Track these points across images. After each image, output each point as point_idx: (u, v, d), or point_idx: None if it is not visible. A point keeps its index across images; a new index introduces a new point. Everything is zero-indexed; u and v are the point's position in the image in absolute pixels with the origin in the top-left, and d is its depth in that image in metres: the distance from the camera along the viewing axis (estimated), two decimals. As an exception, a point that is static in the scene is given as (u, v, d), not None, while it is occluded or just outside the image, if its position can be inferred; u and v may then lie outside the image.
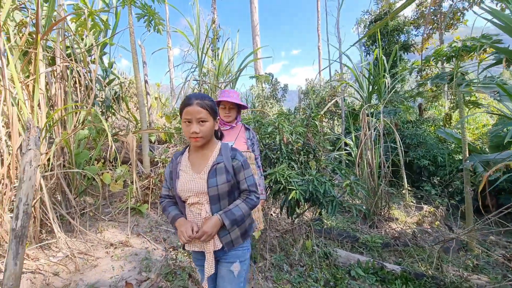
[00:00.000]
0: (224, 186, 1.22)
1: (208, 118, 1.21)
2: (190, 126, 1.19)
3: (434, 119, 7.64)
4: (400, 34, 9.13)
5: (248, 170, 1.31)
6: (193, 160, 1.32)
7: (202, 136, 1.20)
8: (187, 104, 1.20)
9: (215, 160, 1.26)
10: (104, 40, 3.80)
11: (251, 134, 2.24)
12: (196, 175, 1.25)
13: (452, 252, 3.61)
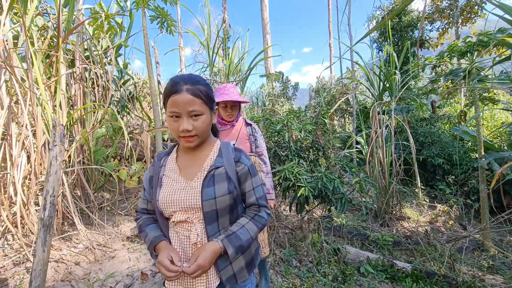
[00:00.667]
0: (225, 199, 0.90)
1: (204, 109, 0.89)
2: (179, 121, 0.87)
3: (449, 116, 7.44)
4: (413, 30, 8.91)
5: (256, 177, 1.01)
6: (182, 163, 0.99)
7: (196, 134, 0.89)
8: (173, 92, 0.86)
9: (213, 163, 0.94)
10: (119, 42, 3.95)
11: (252, 129, 2.04)
12: (186, 183, 0.92)
13: (466, 252, 3.55)
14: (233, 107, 1.94)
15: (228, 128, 2.01)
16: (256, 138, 2.02)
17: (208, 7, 5.04)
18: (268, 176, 2.03)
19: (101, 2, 3.47)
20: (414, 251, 3.35)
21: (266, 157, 2.07)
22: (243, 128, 2.02)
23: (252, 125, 2.04)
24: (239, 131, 1.99)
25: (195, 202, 0.88)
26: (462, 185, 5.84)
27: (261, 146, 2.04)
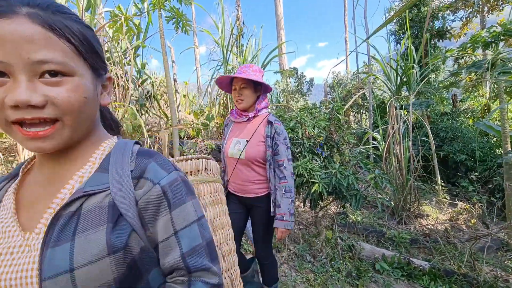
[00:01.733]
0: (101, 270, 0.41)
1: (74, 65, 0.43)
2: (6, 86, 0.39)
3: (472, 110, 7.11)
4: (434, 20, 8.52)
5: (184, 208, 0.50)
6: (27, 193, 0.49)
7: (57, 117, 0.42)
8: None
9: (82, 185, 0.46)
10: (138, 43, 4.09)
11: (273, 130, 1.53)
12: (22, 238, 0.44)
13: (489, 252, 3.42)
14: (244, 89, 1.53)
15: (243, 121, 1.61)
16: (276, 142, 1.53)
17: (222, 5, 5.09)
18: (286, 196, 1.50)
19: (120, 5, 3.60)
20: (433, 250, 3.27)
21: (287, 169, 1.54)
22: (262, 125, 1.57)
23: (274, 123, 1.54)
24: (256, 128, 1.56)
25: (25, 282, 0.40)
26: (486, 182, 5.60)
27: (282, 154, 1.53)
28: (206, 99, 5.95)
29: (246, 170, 1.59)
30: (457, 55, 4.73)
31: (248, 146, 1.53)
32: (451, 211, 4.54)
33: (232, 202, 1.69)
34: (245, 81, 1.53)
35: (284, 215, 1.50)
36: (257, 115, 1.61)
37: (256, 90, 1.58)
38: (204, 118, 5.35)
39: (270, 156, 1.54)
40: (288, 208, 1.51)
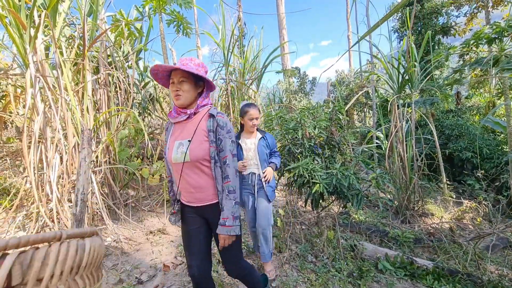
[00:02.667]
0: None
1: None
2: None
3: (478, 107, 7.01)
4: (437, 17, 8.42)
5: None
6: None
7: None
8: None
9: None
10: (139, 46, 4.14)
11: (215, 123, 1.37)
12: None
13: (495, 251, 3.37)
14: (183, 83, 1.35)
15: (183, 120, 1.42)
16: (219, 137, 1.36)
17: (222, 7, 5.12)
18: (229, 198, 1.34)
19: (121, 10, 3.66)
20: (437, 249, 3.24)
21: (230, 167, 1.36)
22: (204, 120, 1.39)
23: (217, 116, 1.38)
24: (198, 124, 1.38)
25: None
26: (492, 180, 5.50)
27: (226, 150, 1.36)
28: (208, 101, 5.96)
29: (195, 174, 1.37)
30: (460, 51, 4.68)
31: (191, 146, 1.34)
32: (457, 209, 4.49)
33: (188, 215, 1.49)
34: (184, 74, 1.35)
35: (227, 219, 1.32)
36: (198, 111, 1.43)
37: (197, 86, 1.42)
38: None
39: (214, 153, 1.36)
40: (231, 211, 1.33)
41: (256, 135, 2.32)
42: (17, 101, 3.19)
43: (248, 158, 2.25)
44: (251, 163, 2.26)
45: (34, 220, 2.39)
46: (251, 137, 2.31)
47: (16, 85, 3.30)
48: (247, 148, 2.27)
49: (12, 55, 2.76)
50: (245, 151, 2.27)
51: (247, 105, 2.29)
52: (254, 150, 2.26)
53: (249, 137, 2.32)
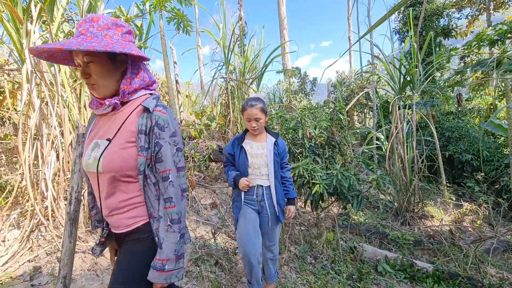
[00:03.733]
0: None
1: None
2: None
3: (478, 109, 6.99)
4: (439, 18, 8.40)
5: None
6: None
7: None
8: None
9: None
10: (139, 44, 4.10)
11: (150, 121, 0.94)
12: None
13: (496, 254, 3.35)
14: (92, 64, 0.91)
15: (109, 113, 1.00)
16: (158, 142, 0.94)
17: (223, 6, 5.08)
18: (172, 230, 0.94)
19: (121, 7, 3.62)
20: (437, 251, 3.22)
21: (175, 186, 0.96)
22: (135, 115, 0.96)
23: (155, 110, 0.95)
24: (124, 120, 0.96)
25: None
26: (492, 182, 5.49)
27: (167, 161, 0.95)
28: (208, 99, 5.95)
29: (111, 190, 0.96)
30: (462, 53, 4.66)
31: (108, 150, 0.92)
32: (457, 212, 4.46)
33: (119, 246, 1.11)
34: (86, 51, 0.89)
35: (167, 261, 0.91)
36: (128, 100, 0.99)
37: (116, 62, 0.96)
38: (206, 118, 5.34)
39: (144, 165, 0.93)
40: (174, 249, 0.93)
41: (267, 138, 1.87)
42: (14, 97, 3.15)
43: (254, 166, 1.81)
44: (258, 172, 1.82)
45: (29, 218, 2.34)
46: (260, 140, 1.87)
47: (13, 81, 3.25)
48: (254, 153, 1.83)
49: (9, 50, 2.72)
50: (251, 157, 1.82)
51: (246, 101, 1.83)
52: (263, 157, 1.82)
53: (257, 140, 1.87)
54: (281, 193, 1.91)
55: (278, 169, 1.87)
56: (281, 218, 1.89)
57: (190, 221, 3.14)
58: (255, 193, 1.84)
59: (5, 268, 2.04)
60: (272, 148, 1.83)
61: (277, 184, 1.85)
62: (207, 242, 2.67)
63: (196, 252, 2.45)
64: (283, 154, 1.91)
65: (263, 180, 1.84)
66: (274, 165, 1.81)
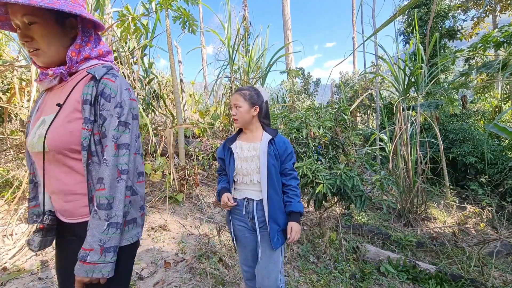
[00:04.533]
0: None
1: None
2: None
3: (483, 112, 6.95)
4: (444, 20, 8.36)
5: None
6: None
7: None
8: None
9: None
10: (145, 42, 4.13)
11: (95, 89, 0.83)
12: None
13: (499, 257, 3.34)
14: (34, 26, 0.79)
15: (55, 86, 0.91)
16: (102, 114, 0.83)
17: (228, 5, 5.10)
18: (98, 217, 0.80)
19: (128, 5, 3.65)
20: (440, 253, 3.21)
21: (109, 165, 0.82)
22: (82, 84, 0.86)
23: (103, 78, 0.84)
24: (70, 92, 0.85)
25: None
26: (496, 185, 5.46)
27: (107, 135, 0.83)
28: (212, 98, 5.97)
29: (62, 173, 0.85)
30: (467, 55, 4.64)
31: (53, 126, 0.82)
32: (460, 214, 4.45)
33: (65, 236, 0.93)
34: (28, 9, 0.76)
35: (90, 251, 0.78)
36: (77, 70, 0.88)
37: (65, 26, 0.85)
38: (210, 117, 5.37)
39: (88, 139, 0.82)
40: (99, 239, 0.79)
41: (261, 137, 1.46)
42: (22, 93, 3.19)
43: (243, 172, 1.43)
44: (248, 180, 1.43)
45: (36, 213, 2.38)
46: (254, 140, 1.48)
47: (22, 78, 3.30)
48: (243, 156, 1.44)
49: (18, 47, 2.76)
50: (239, 161, 1.44)
51: None
52: (254, 159, 1.42)
53: (249, 139, 1.49)
54: (279, 207, 1.42)
55: (276, 175, 1.42)
56: (276, 243, 1.37)
57: (194, 219, 3.17)
58: (244, 209, 1.44)
59: (13, 261, 2.08)
60: (266, 148, 1.40)
61: (272, 194, 1.39)
62: (211, 239, 2.69)
63: (200, 249, 2.47)
64: (283, 155, 1.44)
65: (254, 191, 1.43)
66: (268, 169, 1.38)
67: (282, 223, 1.42)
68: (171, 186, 3.39)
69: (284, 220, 1.43)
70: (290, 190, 1.45)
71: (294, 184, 1.47)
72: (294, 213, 1.42)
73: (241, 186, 1.47)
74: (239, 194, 1.48)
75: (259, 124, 1.52)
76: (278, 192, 1.43)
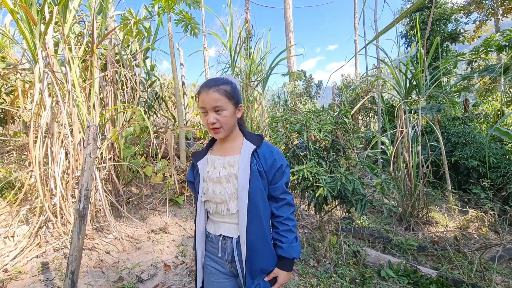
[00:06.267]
0: None
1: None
2: None
3: (486, 115, 6.91)
4: (447, 22, 8.35)
5: None
6: None
7: None
8: None
9: None
10: (147, 45, 4.17)
11: None
12: None
13: (501, 261, 3.30)
14: None
15: None
16: None
17: (230, 9, 5.13)
18: None
19: (130, 9, 3.69)
20: (441, 258, 3.19)
21: None
22: None
23: None
24: None
25: None
26: (499, 189, 5.42)
27: None
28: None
29: None
30: (469, 58, 4.63)
31: None
32: (462, 218, 4.42)
33: None
34: None
35: None
36: None
37: None
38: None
39: None
40: None
41: (241, 148, 1.06)
42: (25, 95, 3.23)
43: (216, 199, 1.04)
44: (223, 210, 1.04)
45: (38, 214, 2.40)
46: (230, 152, 1.08)
47: (25, 80, 3.33)
48: (216, 177, 1.05)
49: (22, 50, 2.79)
50: (211, 183, 1.06)
51: (203, 83, 1.07)
52: (231, 180, 1.03)
53: (225, 153, 1.09)
54: (267, 247, 1.04)
55: (263, 201, 1.03)
56: None
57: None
58: (219, 249, 1.06)
59: (14, 263, 2.09)
60: (248, 162, 1.01)
61: (255, 227, 1.01)
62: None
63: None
64: (271, 172, 1.04)
65: (233, 225, 1.05)
66: (250, 193, 0.99)
67: (264, 268, 1.04)
68: (172, 188, 3.40)
69: (268, 264, 1.05)
70: (281, 224, 1.05)
71: (287, 214, 1.06)
72: (285, 259, 1.05)
73: (215, 218, 1.08)
74: (213, 228, 1.08)
75: (238, 129, 1.11)
76: (262, 223, 1.03)
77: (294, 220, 1.08)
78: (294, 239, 1.05)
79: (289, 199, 1.08)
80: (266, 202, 1.05)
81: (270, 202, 1.07)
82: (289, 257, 1.04)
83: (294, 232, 1.07)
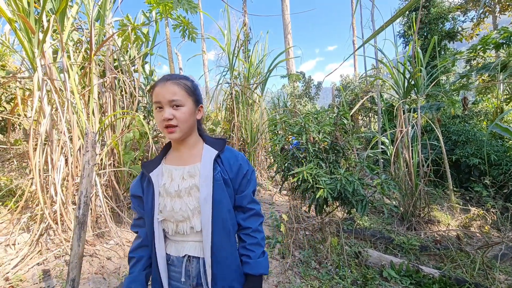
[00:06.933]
0: None
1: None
2: None
3: (486, 113, 6.90)
4: (444, 21, 8.37)
5: None
6: None
7: None
8: None
9: None
10: (145, 51, 4.19)
11: None
12: None
13: (505, 260, 3.29)
14: None
15: None
16: None
17: (228, 13, 5.16)
18: None
19: (128, 15, 3.71)
20: (444, 257, 3.18)
21: None
22: None
23: None
24: None
25: None
26: (501, 187, 5.40)
27: None
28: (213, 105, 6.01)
29: None
30: (467, 57, 4.63)
31: None
32: (464, 217, 4.40)
33: None
34: None
35: None
36: None
37: None
38: (211, 123, 5.40)
39: None
40: None
41: (201, 154, 0.96)
42: (25, 103, 3.25)
43: (176, 217, 0.92)
44: (185, 229, 0.92)
45: (38, 222, 2.40)
46: (189, 161, 0.97)
47: (24, 88, 3.36)
48: (174, 191, 0.93)
49: (21, 58, 2.81)
50: (168, 197, 0.93)
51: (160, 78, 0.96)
52: (193, 193, 0.92)
53: (183, 161, 0.97)
54: (236, 264, 0.95)
55: (229, 214, 0.95)
56: None
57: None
58: (183, 273, 0.93)
59: (16, 271, 2.09)
60: (210, 170, 0.91)
61: (223, 244, 0.92)
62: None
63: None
64: (237, 179, 0.97)
65: (197, 243, 0.94)
66: (214, 206, 0.90)
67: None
68: (172, 192, 3.39)
69: (236, 283, 0.94)
70: (249, 237, 0.96)
71: (255, 226, 0.97)
72: (252, 276, 0.94)
73: (176, 238, 0.95)
74: (175, 249, 0.95)
75: (197, 134, 1.01)
76: (233, 242, 0.96)
77: (262, 232, 0.99)
78: (261, 254, 0.96)
79: (257, 209, 1.00)
80: (233, 215, 0.96)
81: (236, 213, 0.98)
82: (256, 273, 0.93)
83: (262, 246, 0.97)
